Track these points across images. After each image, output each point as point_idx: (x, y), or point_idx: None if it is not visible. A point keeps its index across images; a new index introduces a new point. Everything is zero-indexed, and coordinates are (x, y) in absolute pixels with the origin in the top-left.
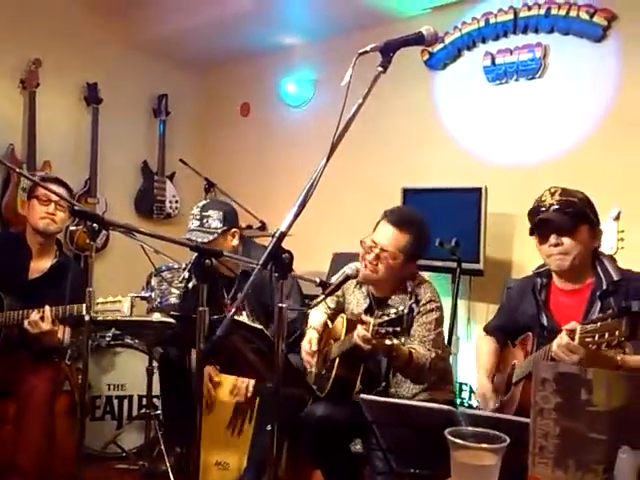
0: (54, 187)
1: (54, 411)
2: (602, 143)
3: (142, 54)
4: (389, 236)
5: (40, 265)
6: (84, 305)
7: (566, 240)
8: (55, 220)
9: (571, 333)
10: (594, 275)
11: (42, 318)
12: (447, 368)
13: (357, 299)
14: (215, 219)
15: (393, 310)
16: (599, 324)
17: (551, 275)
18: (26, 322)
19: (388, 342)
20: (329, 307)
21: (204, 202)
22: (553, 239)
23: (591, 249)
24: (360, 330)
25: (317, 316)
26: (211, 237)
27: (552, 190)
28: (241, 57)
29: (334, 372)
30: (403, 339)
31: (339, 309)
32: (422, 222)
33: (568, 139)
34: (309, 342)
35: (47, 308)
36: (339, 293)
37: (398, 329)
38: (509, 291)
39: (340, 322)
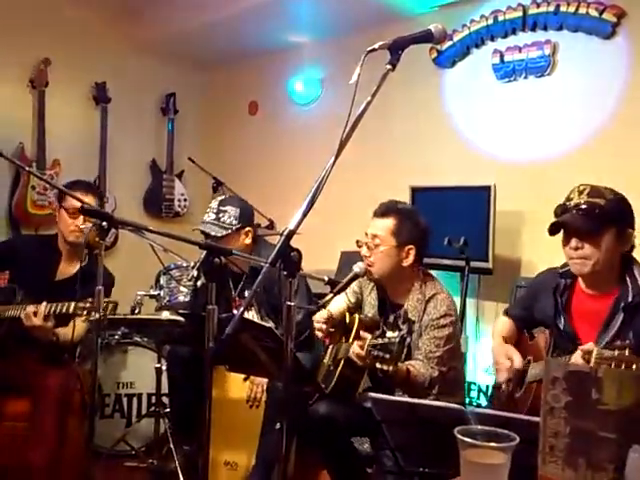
0: (81, 196)
1: (68, 409)
2: (611, 140)
3: (150, 53)
4: (376, 225)
5: (68, 268)
6: (72, 304)
7: (587, 245)
8: (84, 232)
9: (587, 354)
10: (622, 283)
11: (35, 313)
12: (458, 377)
13: (372, 300)
14: (231, 215)
15: (389, 334)
16: (616, 353)
17: (576, 276)
18: (23, 313)
19: (378, 366)
20: (350, 300)
21: (223, 197)
22: (574, 242)
23: (618, 253)
24: (355, 347)
25: (339, 301)
26: (224, 232)
27: (581, 188)
28: (249, 55)
29: (339, 370)
30: (391, 368)
31: (358, 304)
32: (406, 207)
33: (577, 136)
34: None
35: (43, 304)
36: (358, 290)
37: (387, 356)
38: (531, 283)
39: (353, 321)
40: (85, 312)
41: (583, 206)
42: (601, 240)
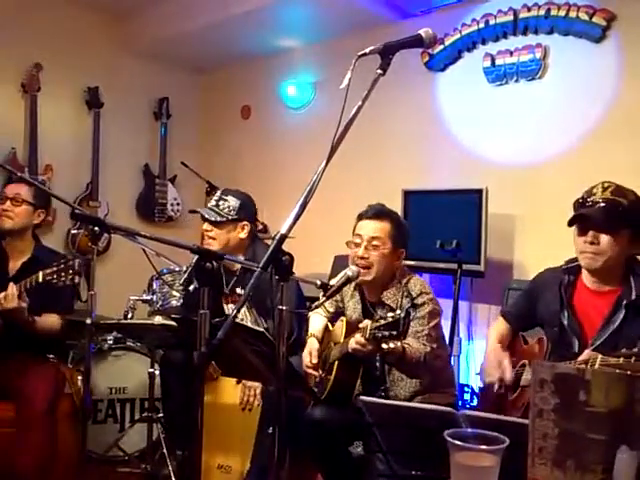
0: (21, 186)
1: (56, 414)
2: (602, 143)
3: (143, 58)
4: (373, 227)
5: (18, 263)
6: (40, 273)
7: (604, 239)
8: (10, 216)
9: (589, 361)
10: (625, 281)
11: (6, 296)
12: (447, 369)
13: (354, 304)
14: (230, 205)
15: (390, 314)
16: (622, 360)
17: (580, 272)
18: None
19: (384, 346)
20: (328, 311)
21: (231, 189)
22: (590, 236)
23: (628, 254)
24: (357, 337)
25: (317, 321)
26: (219, 218)
27: (605, 185)
28: (241, 60)
29: (333, 375)
30: (398, 344)
31: (339, 313)
32: (395, 212)
33: (568, 140)
34: (309, 354)
35: (10, 284)
36: (338, 298)
37: (394, 333)
38: (534, 279)
39: (340, 325)
40: (55, 276)
41: (606, 202)
42: (617, 237)
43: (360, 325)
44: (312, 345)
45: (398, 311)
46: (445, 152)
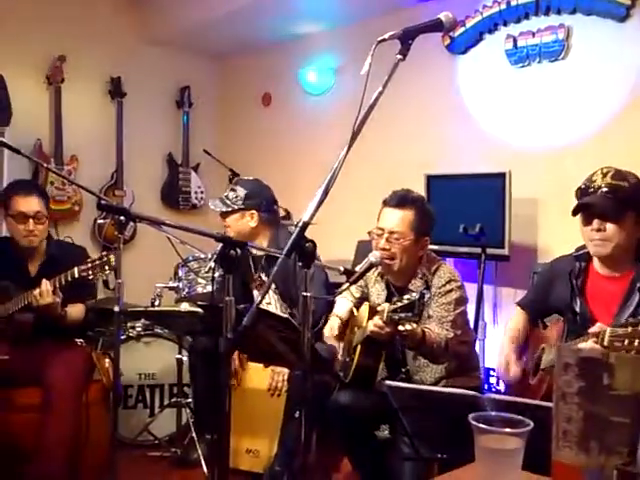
0: (35, 199)
1: (86, 400)
2: (627, 124)
3: (164, 47)
4: (394, 218)
5: (36, 263)
6: (75, 268)
7: (609, 226)
8: (36, 234)
9: (599, 335)
10: (637, 264)
11: (41, 293)
12: (472, 354)
13: (377, 290)
14: (238, 195)
15: (407, 296)
16: (630, 329)
17: (591, 259)
18: (31, 298)
19: (401, 328)
20: (354, 296)
21: (242, 178)
22: (596, 224)
23: (636, 237)
24: (375, 320)
25: (343, 304)
26: (225, 208)
27: (604, 171)
28: (262, 47)
29: (355, 359)
30: (415, 325)
31: (364, 298)
32: (420, 197)
33: (592, 121)
34: (330, 328)
35: (44, 281)
36: (363, 283)
37: (410, 314)
38: (544, 270)
39: (364, 310)
40: (91, 272)
41: (607, 188)
42: (623, 222)
43: (378, 308)
44: (333, 322)
45: (414, 293)
46: (468, 136)
